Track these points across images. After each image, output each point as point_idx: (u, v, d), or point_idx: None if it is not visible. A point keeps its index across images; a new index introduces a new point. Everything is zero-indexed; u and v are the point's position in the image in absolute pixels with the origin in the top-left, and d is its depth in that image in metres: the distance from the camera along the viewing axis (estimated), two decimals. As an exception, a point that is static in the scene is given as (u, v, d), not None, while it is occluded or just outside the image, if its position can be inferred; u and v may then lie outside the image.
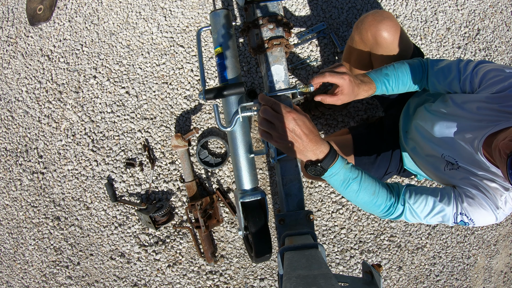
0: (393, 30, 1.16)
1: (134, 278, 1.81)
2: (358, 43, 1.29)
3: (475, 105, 0.91)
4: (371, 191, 0.91)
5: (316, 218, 1.80)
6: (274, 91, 1.02)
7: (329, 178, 0.87)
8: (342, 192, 0.91)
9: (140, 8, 1.81)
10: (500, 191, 0.89)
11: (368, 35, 1.21)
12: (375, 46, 1.23)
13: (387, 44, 1.19)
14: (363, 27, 1.21)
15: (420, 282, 1.88)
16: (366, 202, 0.93)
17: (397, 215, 0.97)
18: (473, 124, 0.90)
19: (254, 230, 0.96)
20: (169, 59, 1.79)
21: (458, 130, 0.95)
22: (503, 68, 0.90)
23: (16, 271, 1.88)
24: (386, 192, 0.94)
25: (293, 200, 1.00)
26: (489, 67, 0.93)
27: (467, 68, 0.99)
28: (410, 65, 1.09)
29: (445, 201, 0.93)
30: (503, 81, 0.86)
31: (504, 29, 1.90)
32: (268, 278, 1.80)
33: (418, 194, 0.96)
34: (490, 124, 0.85)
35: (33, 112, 1.83)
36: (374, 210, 0.97)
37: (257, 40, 1.06)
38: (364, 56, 1.32)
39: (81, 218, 1.81)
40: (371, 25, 1.18)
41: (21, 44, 1.87)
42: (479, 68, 0.95)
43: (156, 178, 1.78)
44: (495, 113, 0.85)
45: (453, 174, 0.99)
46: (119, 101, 1.79)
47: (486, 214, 0.90)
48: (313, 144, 0.81)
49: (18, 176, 1.84)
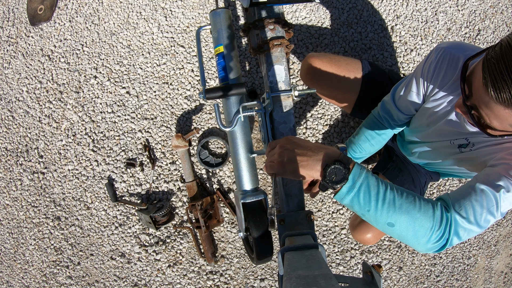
0: (313, 79, 1.30)
1: (134, 278, 1.81)
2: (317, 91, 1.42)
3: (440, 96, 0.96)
4: (411, 200, 0.68)
5: (317, 219, 1.80)
6: (275, 91, 1.02)
7: (355, 192, 0.65)
8: (377, 210, 0.66)
9: (140, 8, 1.81)
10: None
11: (306, 85, 1.38)
12: (317, 91, 1.36)
13: (319, 87, 1.32)
14: (302, 79, 1.39)
15: (420, 283, 1.88)
16: (410, 221, 0.67)
17: (454, 227, 0.70)
18: (450, 102, 0.93)
19: (256, 232, 0.96)
20: (170, 59, 1.79)
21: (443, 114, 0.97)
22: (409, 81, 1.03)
23: (16, 271, 1.88)
24: (428, 202, 0.70)
25: (294, 200, 1.00)
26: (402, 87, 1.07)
27: (395, 96, 1.11)
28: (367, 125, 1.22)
29: (503, 178, 0.72)
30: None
31: (504, 29, 1.89)
32: (269, 279, 1.80)
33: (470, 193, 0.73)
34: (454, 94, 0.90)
35: (33, 112, 1.84)
36: (422, 232, 0.68)
37: (257, 40, 1.06)
38: (330, 96, 1.40)
39: (81, 218, 1.81)
40: (301, 77, 1.38)
41: (22, 44, 1.87)
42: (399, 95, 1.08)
43: (156, 178, 1.78)
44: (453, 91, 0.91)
45: (476, 154, 0.89)
46: (119, 101, 1.79)
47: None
48: (315, 150, 0.68)
49: (19, 176, 1.84)
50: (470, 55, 0.80)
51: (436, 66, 0.91)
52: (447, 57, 0.89)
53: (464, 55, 0.86)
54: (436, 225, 0.68)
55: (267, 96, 1.00)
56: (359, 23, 1.82)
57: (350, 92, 1.31)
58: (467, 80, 0.71)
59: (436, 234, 0.68)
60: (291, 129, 1.02)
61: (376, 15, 1.82)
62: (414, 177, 1.35)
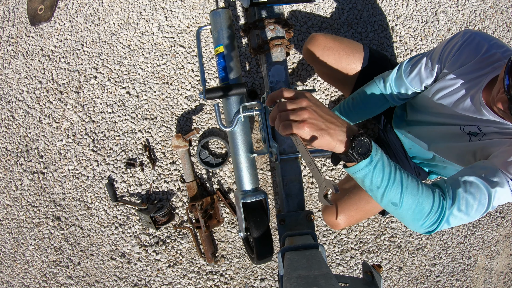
0: (318, 52, 1.29)
1: (134, 278, 1.81)
2: (315, 70, 1.44)
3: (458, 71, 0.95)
4: (415, 184, 0.72)
5: (317, 219, 1.80)
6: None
7: (371, 168, 0.67)
8: (387, 189, 0.70)
9: (141, 8, 1.81)
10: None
11: (308, 62, 1.39)
12: (317, 70, 1.38)
13: (321, 65, 1.31)
14: (304, 57, 1.41)
15: (420, 283, 1.88)
16: (412, 203, 0.72)
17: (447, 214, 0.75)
18: (465, 86, 0.93)
19: (256, 232, 0.96)
20: (170, 59, 1.79)
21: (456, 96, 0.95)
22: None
23: (16, 271, 1.88)
24: (429, 188, 0.75)
25: (294, 200, 1.00)
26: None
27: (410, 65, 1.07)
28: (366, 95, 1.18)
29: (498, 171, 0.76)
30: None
31: (504, 29, 1.89)
32: (269, 279, 1.80)
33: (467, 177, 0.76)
34: (481, 79, 0.88)
35: (33, 112, 1.84)
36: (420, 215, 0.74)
37: (257, 40, 1.06)
38: (331, 76, 1.40)
39: (81, 218, 1.81)
40: (304, 55, 1.38)
41: (22, 44, 1.87)
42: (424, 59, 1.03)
43: (156, 178, 1.78)
44: (478, 71, 0.90)
45: (485, 144, 0.87)
46: (119, 101, 1.79)
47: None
48: (340, 120, 0.66)
49: (19, 176, 1.84)
50: (496, 44, 0.88)
51: (460, 47, 0.92)
52: (473, 42, 0.91)
53: (489, 44, 0.89)
54: (433, 210, 0.73)
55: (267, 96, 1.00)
56: (359, 23, 1.82)
57: (351, 72, 1.30)
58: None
59: (432, 219, 0.74)
60: (291, 129, 1.01)
61: (376, 15, 1.82)
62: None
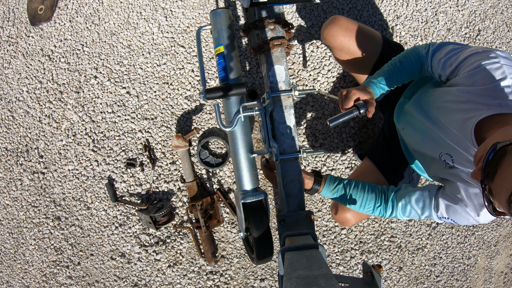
0: (339, 33, 1.28)
1: (134, 278, 1.81)
2: (333, 52, 1.40)
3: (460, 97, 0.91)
4: (358, 205, 1.11)
5: (317, 219, 1.80)
6: (275, 91, 1.02)
7: (330, 195, 1.13)
8: (342, 202, 1.15)
9: (141, 8, 1.81)
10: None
11: (327, 44, 1.36)
12: (335, 51, 1.35)
13: (342, 46, 1.30)
14: (322, 39, 1.37)
15: (420, 283, 1.88)
16: (356, 209, 1.14)
17: (387, 216, 1.13)
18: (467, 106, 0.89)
19: (256, 232, 0.96)
20: (170, 60, 1.79)
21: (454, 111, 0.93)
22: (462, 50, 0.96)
23: (16, 271, 1.88)
24: (374, 202, 1.10)
25: (294, 200, 1.00)
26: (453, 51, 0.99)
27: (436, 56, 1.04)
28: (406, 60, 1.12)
29: (428, 205, 1.04)
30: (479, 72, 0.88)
31: (504, 29, 1.90)
32: (269, 279, 1.80)
33: (404, 200, 1.07)
34: (474, 114, 0.84)
35: (33, 112, 1.84)
36: (368, 211, 1.14)
37: (258, 40, 1.06)
38: (349, 59, 1.37)
39: (81, 218, 1.81)
40: (323, 35, 1.34)
41: (22, 44, 1.87)
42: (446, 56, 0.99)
43: (156, 178, 1.78)
44: (477, 104, 0.86)
45: (449, 175, 1.01)
46: (119, 101, 1.79)
47: (467, 219, 0.97)
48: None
49: (19, 176, 1.85)
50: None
51: (479, 66, 0.86)
52: (495, 67, 0.84)
53: (509, 77, 0.82)
54: (377, 203, 1.10)
55: (267, 96, 1.00)
56: (359, 23, 1.82)
57: (370, 56, 1.30)
58: (492, 163, 0.66)
59: (378, 209, 1.11)
60: (291, 129, 1.01)
61: (376, 15, 1.82)
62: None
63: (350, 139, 1.78)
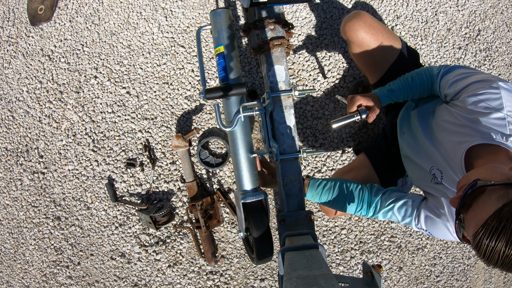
0: (362, 29, 1.25)
1: (134, 278, 1.81)
2: (351, 47, 1.37)
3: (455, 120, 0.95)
4: (340, 208, 1.12)
5: (317, 219, 1.80)
6: (275, 91, 1.02)
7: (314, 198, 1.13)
8: (326, 204, 1.14)
9: (141, 8, 1.81)
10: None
11: (347, 37, 1.32)
12: (354, 46, 1.33)
13: (362, 42, 1.28)
14: (342, 32, 1.33)
15: (420, 283, 1.88)
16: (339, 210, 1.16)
17: (369, 217, 1.18)
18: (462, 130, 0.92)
19: (256, 232, 0.96)
20: (170, 60, 1.79)
21: (443, 140, 0.99)
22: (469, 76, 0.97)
23: (16, 271, 1.88)
24: (356, 206, 1.11)
25: (294, 200, 1.00)
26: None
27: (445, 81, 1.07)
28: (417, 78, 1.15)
29: (409, 215, 1.07)
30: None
31: (504, 29, 1.90)
32: (269, 279, 1.80)
33: (388, 206, 1.09)
34: (468, 139, 0.87)
35: (33, 112, 1.84)
36: (350, 211, 1.15)
37: (258, 40, 1.06)
38: (366, 57, 1.35)
39: (81, 218, 1.81)
40: (344, 29, 1.30)
41: (22, 44, 1.87)
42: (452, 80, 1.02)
43: (156, 178, 1.78)
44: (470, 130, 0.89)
45: (434, 189, 1.05)
46: (119, 101, 1.79)
47: (444, 234, 1.02)
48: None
49: (19, 176, 1.85)
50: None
51: (480, 94, 0.88)
52: (494, 98, 0.85)
53: (507, 110, 0.83)
54: (358, 207, 1.10)
55: (267, 96, 1.00)
56: (359, 23, 1.82)
57: (388, 57, 1.29)
58: (469, 197, 0.68)
59: (359, 212, 1.11)
60: (291, 129, 1.02)
61: (376, 15, 1.82)
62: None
63: (350, 139, 1.78)
